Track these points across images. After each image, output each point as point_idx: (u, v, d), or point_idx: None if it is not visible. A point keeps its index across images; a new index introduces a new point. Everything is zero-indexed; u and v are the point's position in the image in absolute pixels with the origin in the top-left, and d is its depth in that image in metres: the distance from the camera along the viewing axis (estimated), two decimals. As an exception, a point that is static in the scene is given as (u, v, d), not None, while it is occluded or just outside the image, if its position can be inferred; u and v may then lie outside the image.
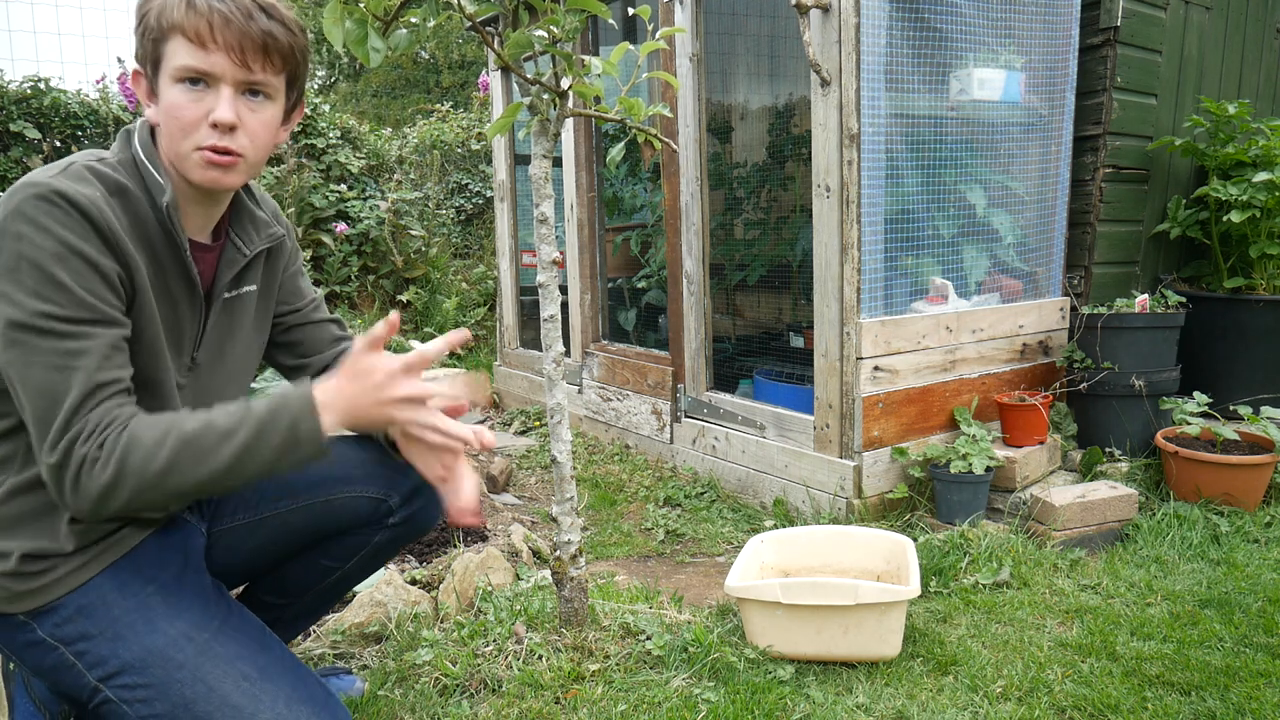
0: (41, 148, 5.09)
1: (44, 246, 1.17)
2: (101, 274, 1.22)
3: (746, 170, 4.42)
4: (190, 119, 1.30)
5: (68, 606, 1.30)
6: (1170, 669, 1.93)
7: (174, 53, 1.29)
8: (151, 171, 1.32)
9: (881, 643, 1.95)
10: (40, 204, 1.18)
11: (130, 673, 1.29)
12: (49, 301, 1.17)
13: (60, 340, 1.18)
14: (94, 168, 1.28)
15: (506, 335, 4.92)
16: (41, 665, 1.33)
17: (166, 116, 1.31)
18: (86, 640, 1.30)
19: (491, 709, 1.72)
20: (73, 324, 1.19)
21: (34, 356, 1.18)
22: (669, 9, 3.35)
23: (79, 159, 1.29)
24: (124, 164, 1.33)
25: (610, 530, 3.09)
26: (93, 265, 1.21)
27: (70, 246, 1.19)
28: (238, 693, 1.30)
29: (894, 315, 2.89)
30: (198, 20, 1.28)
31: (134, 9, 1.34)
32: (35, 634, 1.31)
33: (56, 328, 1.18)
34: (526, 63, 3.67)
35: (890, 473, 2.88)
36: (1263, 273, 3.39)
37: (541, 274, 1.85)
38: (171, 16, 1.28)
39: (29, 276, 1.17)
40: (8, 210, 1.19)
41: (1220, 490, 2.78)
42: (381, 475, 1.58)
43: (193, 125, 1.30)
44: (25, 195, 1.19)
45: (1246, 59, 3.85)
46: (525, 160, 4.41)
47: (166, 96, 1.30)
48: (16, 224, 1.18)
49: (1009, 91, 3.05)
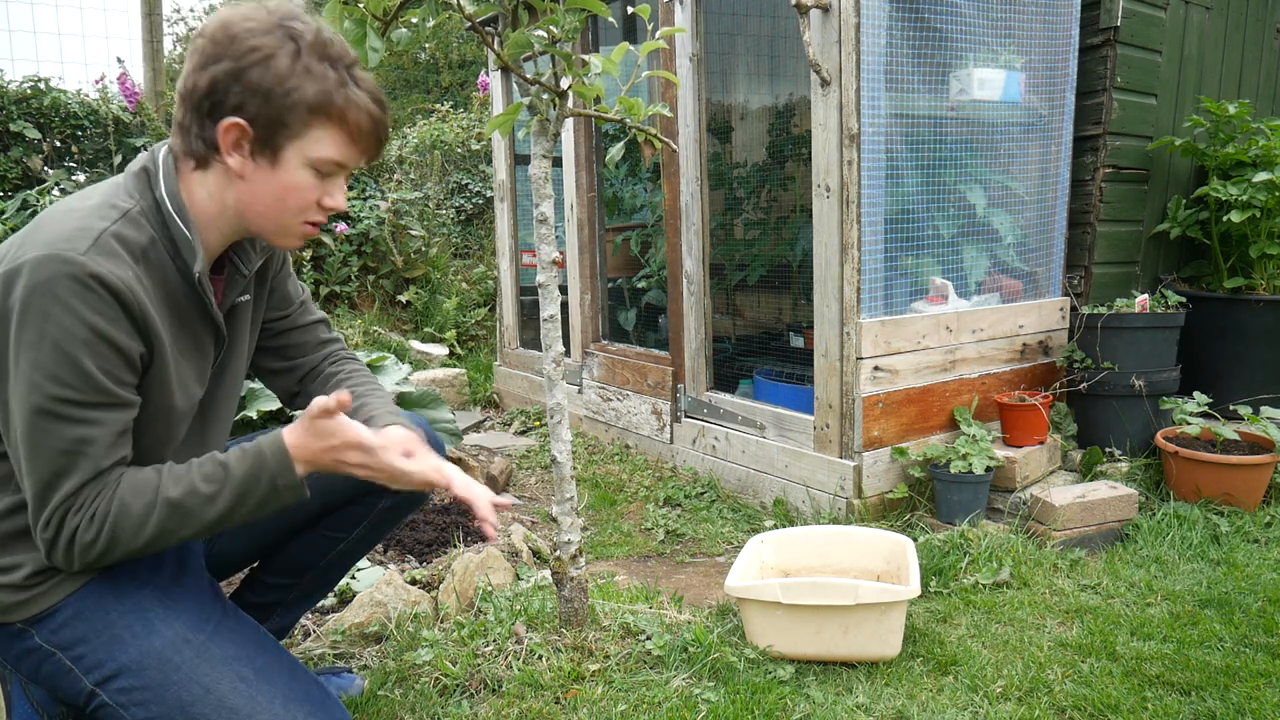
0: (41, 148, 5.09)
1: (73, 332, 1.15)
2: (125, 357, 1.21)
3: (746, 170, 4.42)
4: (310, 201, 1.32)
5: (64, 611, 1.30)
6: (1170, 669, 1.93)
7: (318, 141, 1.28)
8: (183, 232, 1.29)
9: (881, 643, 1.95)
10: (74, 286, 1.15)
11: (126, 675, 1.29)
12: (67, 387, 1.16)
13: (71, 426, 1.18)
14: (122, 236, 1.23)
15: (506, 335, 4.92)
16: (39, 672, 1.32)
17: (281, 191, 1.30)
18: (83, 644, 1.30)
19: (491, 709, 1.72)
20: (87, 408, 1.18)
21: (43, 438, 1.18)
22: (669, 9, 3.35)
23: (102, 221, 1.23)
24: (147, 214, 1.29)
25: (610, 530, 3.09)
26: (118, 350, 1.20)
27: (99, 333, 1.17)
28: (234, 694, 1.30)
29: (894, 315, 2.89)
30: (358, 116, 1.28)
31: (208, 30, 1.25)
32: (32, 640, 1.30)
33: (71, 413, 1.17)
34: (526, 63, 3.67)
35: (890, 473, 2.88)
36: (1263, 273, 3.39)
37: (541, 274, 1.85)
38: (320, 100, 1.25)
39: (51, 358, 1.15)
40: (37, 282, 1.15)
41: (1220, 490, 2.78)
42: None
43: (309, 206, 1.32)
44: (58, 273, 1.15)
45: (1246, 59, 3.85)
46: (525, 160, 4.41)
47: (290, 176, 1.29)
48: (46, 302, 1.15)
49: (1009, 91, 3.05)
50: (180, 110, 1.28)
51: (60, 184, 5.07)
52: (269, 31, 1.24)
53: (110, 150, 5.32)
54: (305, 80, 1.24)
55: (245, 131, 1.25)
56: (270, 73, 1.23)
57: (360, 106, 1.28)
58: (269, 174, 1.28)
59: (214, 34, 1.24)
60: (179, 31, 21.54)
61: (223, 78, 1.23)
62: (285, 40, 1.24)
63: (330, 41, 1.28)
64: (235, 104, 1.24)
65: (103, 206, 1.25)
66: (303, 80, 1.24)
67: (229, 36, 1.23)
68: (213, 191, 1.31)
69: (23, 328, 1.15)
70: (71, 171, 5.36)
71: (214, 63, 1.23)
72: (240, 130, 1.25)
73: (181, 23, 20.62)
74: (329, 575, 1.75)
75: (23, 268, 1.15)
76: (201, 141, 1.27)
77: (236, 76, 1.23)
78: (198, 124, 1.27)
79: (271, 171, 1.28)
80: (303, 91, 1.24)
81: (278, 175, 1.29)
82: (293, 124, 1.26)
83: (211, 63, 1.23)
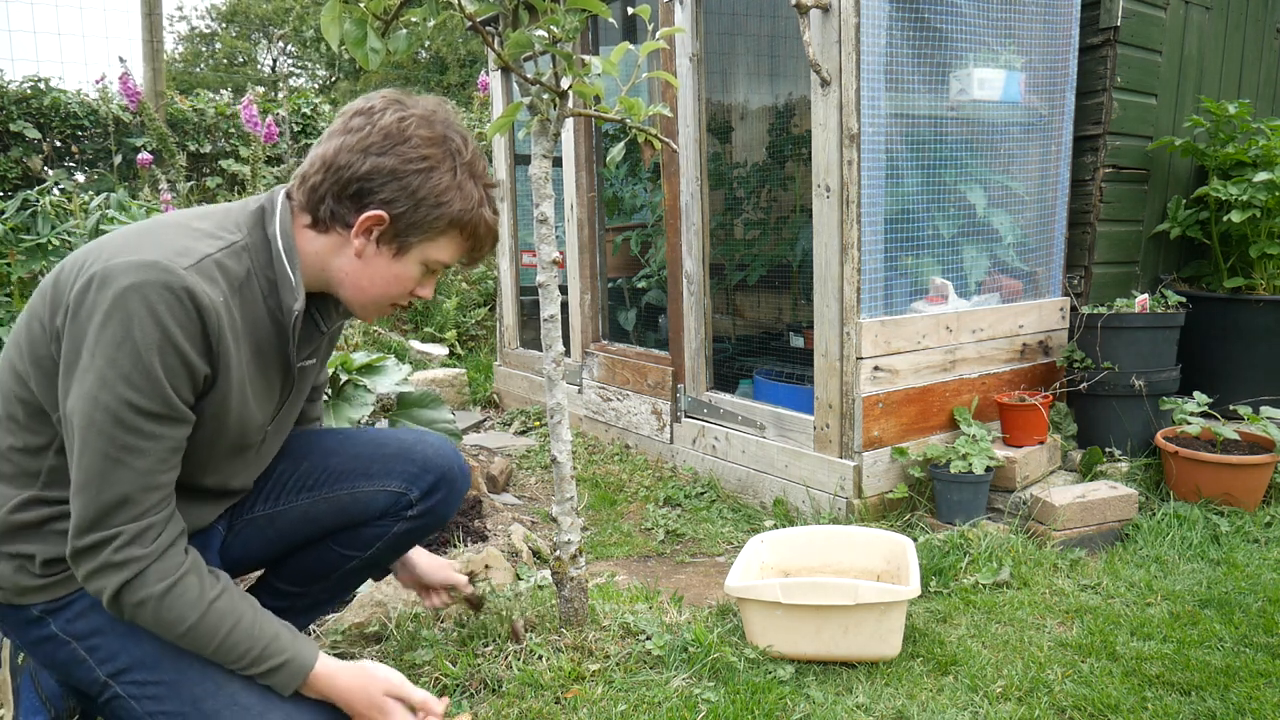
0: (41, 147, 5.09)
1: (151, 336, 1.17)
2: (191, 373, 1.23)
3: (746, 170, 4.42)
4: (409, 290, 1.41)
5: (80, 602, 1.32)
6: (1170, 669, 1.93)
7: (443, 248, 1.38)
8: (289, 275, 1.33)
9: (881, 643, 1.95)
10: (167, 295, 1.18)
11: (140, 669, 1.31)
12: (136, 390, 1.18)
13: (129, 434, 1.19)
14: (223, 264, 1.27)
15: (506, 335, 4.92)
16: (54, 659, 1.35)
17: (391, 279, 1.38)
18: (99, 635, 1.32)
19: (491, 709, 1.72)
20: (147, 418, 1.20)
21: (99, 437, 1.19)
22: (669, 9, 3.35)
23: (209, 245, 1.26)
24: (254, 249, 1.33)
25: (610, 530, 3.09)
26: (187, 364, 1.21)
27: (174, 343, 1.19)
28: (246, 692, 1.32)
29: (894, 315, 2.89)
30: (485, 233, 1.40)
31: (382, 123, 1.32)
32: (49, 628, 1.33)
33: (131, 420, 1.19)
34: (526, 63, 3.67)
35: (890, 473, 2.88)
36: (1263, 273, 3.39)
37: (541, 274, 1.85)
38: (462, 217, 1.35)
39: (129, 360, 1.17)
40: (131, 284, 1.17)
41: (1220, 490, 2.78)
42: (402, 471, 1.63)
43: (405, 293, 1.41)
44: (155, 280, 1.17)
45: (1246, 59, 3.85)
46: (525, 160, 4.40)
47: (405, 269, 1.37)
48: (136, 304, 1.17)
49: (1009, 91, 3.05)
50: (320, 175, 1.33)
51: (60, 183, 5.07)
52: (436, 143, 1.34)
53: (110, 150, 5.32)
54: (456, 196, 1.34)
55: (383, 223, 1.33)
56: (429, 183, 1.32)
57: (488, 224, 1.40)
58: (387, 262, 1.37)
59: (387, 128, 1.32)
60: (180, 31, 21.50)
61: (384, 172, 1.31)
62: (448, 156, 1.35)
63: (479, 160, 1.39)
64: (386, 199, 1.32)
65: (212, 232, 1.30)
66: (454, 195, 1.34)
67: (402, 137, 1.32)
68: (320, 252, 1.37)
69: (106, 325, 1.16)
70: (71, 171, 5.36)
71: (379, 154, 1.31)
72: (379, 221, 1.33)
73: (184, 21, 20.58)
74: (340, 587, 1.76)
75: (122, 269, 1.17)
76: (332, 214, 1.34)
77: (397, 176, 1.31)
78: (335, 198, 1.33)
79: (390, 261, 1.37)
80: (452, 206, 1.34)
81: (393, 265, 1.37)
82: (430, 230, 1.35)
83: (376, 153, 1.31)
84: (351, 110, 1.37)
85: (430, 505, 1.66)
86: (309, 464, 1.62)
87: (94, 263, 1.20)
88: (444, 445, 1.69)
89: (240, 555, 1.60)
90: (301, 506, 1.60)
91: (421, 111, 1.36)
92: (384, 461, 1.63)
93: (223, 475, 1.44)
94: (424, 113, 1.36)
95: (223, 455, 1.39)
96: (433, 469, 1.64)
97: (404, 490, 1.63)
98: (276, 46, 20.18)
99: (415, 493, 1.64)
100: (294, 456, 1.63)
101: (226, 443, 1.37)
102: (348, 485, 1.61)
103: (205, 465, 1.37)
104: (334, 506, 1.61)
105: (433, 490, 1.65)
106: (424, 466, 1.64)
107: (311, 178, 1.34)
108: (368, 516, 1.63)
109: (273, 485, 1.60)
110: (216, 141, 5.80)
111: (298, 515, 1.61)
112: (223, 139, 6.14)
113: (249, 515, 1.59)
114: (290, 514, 1.60)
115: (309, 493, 1.60)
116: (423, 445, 1.67)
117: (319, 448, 1.65)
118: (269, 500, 1.60)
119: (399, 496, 1.63)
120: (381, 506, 1.63)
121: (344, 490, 1.61)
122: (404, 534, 1.68)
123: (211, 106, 5.86)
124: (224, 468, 1.43)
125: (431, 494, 1.65)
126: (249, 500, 1.59)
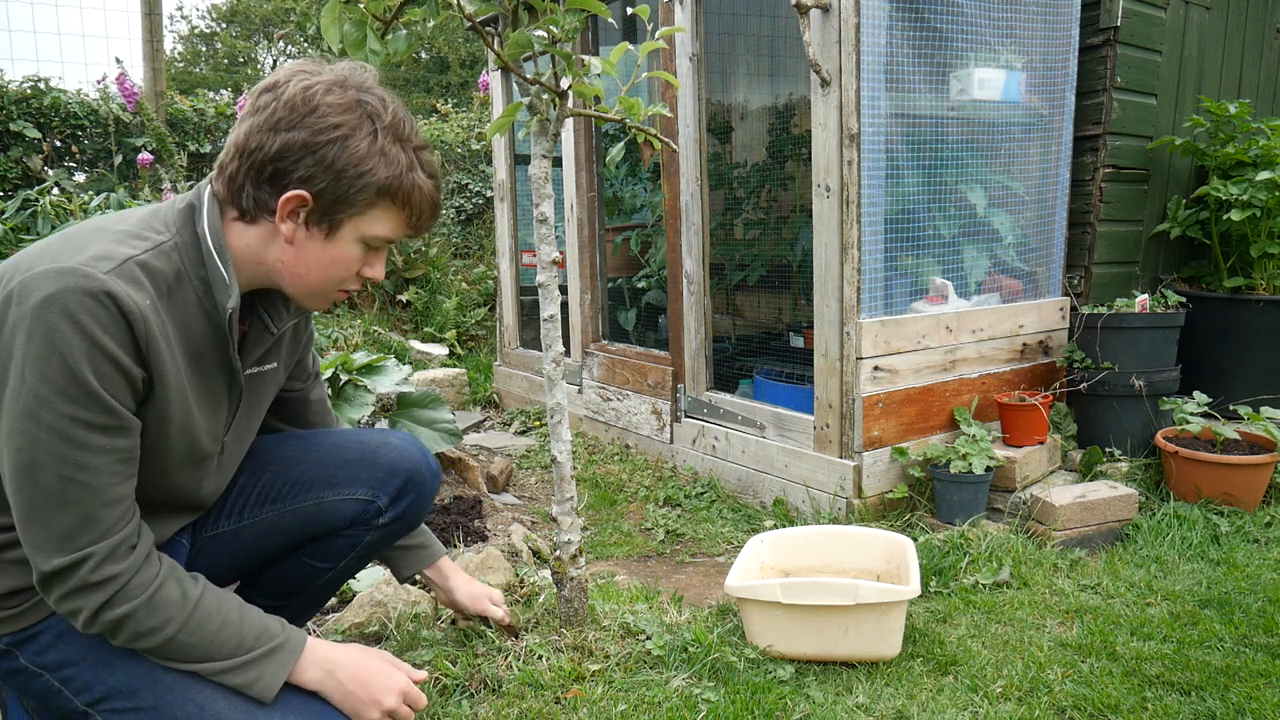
0: (41, 147, 5.09)
1: (77, 346, 1.11)
2: (127, 377, 1.16)
3: (746, 170, 4.42)
4: (352, 272, 1.33)
5: (48, 632, 1.27)
6: (1170, 669, 1.93)
7: (377, 220, 1.29)
8: (221, 273, 1.26)
9: (881, 643, 1.95)
10: (88, 301, 1.11)
11: (118, 698, 1.26)
12: (74, 403, 1.12)
13: (77, 450, 1.14)
14: (148, 266, 1.19)
15: (506, 335, 4.92)
16: (29, 689, 1.30)
17: (328, 262, 1.30)
18: (70, 667, 1.27)
19: (491, 709, 1.72)
20: (92, 430, 1.14)
21: (47, 456, 1.13)
22: (669, 9, 3.35)
23: (131, 248, 1.19)
24: (184, 248, 1.25)
25: (610, 530, 3.09)
26: (120, 369, 1.15)
27: (104, 350, 1.12)
28: (231, 709, 1.27)
29: (894, 315, 2.89)
30: (420, 199, 1.30)
31: (286, 94, 1.22)
32: (18, 661, 1.28)
33: (76, 435, 1.13)
34: (526, 63, 3.67)
35: (890, 473, 2.88)
36: (1263, 272, 3.39)
37: (541, 274, 1.85)
38: (390, 183, 1.26)
39: (58, 373, 1.11)
40: (49, 294, 1.10)
41: (1220, 490, 2.78)
42: (368, 477, 1.58)
43: (350, 277, 1.33)
44: (73, 285, 1.11)
45: (1246, 59, 3.85)
46: (525, 160, 4.41)
47: (341, 249, 1.29)
48: (54, 315, 1.10)
49: (1009, 91, 3.05)
50: (235, 163, 1.25)
51: (60, 183, 5.07)
52: (349, 109, 1.24)
53: (110, 150, 5.32)
54: (379, 163, 1.25)
55: (306, 203, 1.24)
56: (346, 152, 1.23)
57: (423, 190, 1.30)
58: (320, 244, 1.28)
59: (292, 100, 1.22)
60: (180, 30, 21.50)
61: (296, 148, 1.22)
62: (364, 120, 1.24)
63: (403, 122, 1.29)
64: (304, 176, 1.23)
65: (136, 233, 1.22)
66: (377, 163, 1.24)
67: (309, 107, 1.22)
68: (251, 244, 1.29)
69: (30, 341, 1.11)
70: (71, 171, 5.36)
71: (288, 129, 1.22)
72: (301, 201, 1.24)
73: (184, 21, 20.58)
74: (318, 598, 1.73)
75: (38, 280, 1.11)
76: (255, 202, 1.25)
77: (310, 149, 1.22)
78: (254, 184, 1.25)
79: (323, 242, 1.28)
80: (375, 174, 1.24)
81: (328, 247, 1.29)
82: (358, 203, 1.26)
83: (285, 129, 1.22)
84: (259, 88, 1.27)
85: (399, 511, 1.61)
86: (271, 474, 1.56)
87: (12, 277, 1.14)
88: (410, 445, 1.63)
89: (207, 572, 1.51)
90: (266, 520, 1.54)
91: (331, 78, 1.25)
92: (349, 468, 1.57)
93: (185, 488, 1.38)
94: (334, 79, 1.25)
95: (176, 467, 1.33)
96: (399, 472, 1.59)
97: (371, 498, 1.57)
98: (277, 46, 20.17)
99: (384, 499, 1.58)
100: (254, 468, 1.56)
101: (177, 454, 1.30)
102: (313, 496, 1.55)
103: (160, 478, 1.31)
104: (301, 519, 1.55)
105: (401, 494, 1.60)
106: (390, 470, 1.58)
107: (228, 166, 1.26)
108: (336, 526, 1.58)
109: (234, 499, 1.53)
110: (216, 141, 5.80)
111: (263, 529, 1.54)
112: (223, 139, 6.14)
113: (212, 532, 1.52)
114: (255, 529, 1.54)
115: (273, 505, 1.54)
116: (387, 448, 1.60)
117: (281, 457, 1.59)
118: (231, 516, 1.53)
119: (367, 504, 1.57)
120: (349, 515, 1.57)
121: (309, 501, 1.55)
122: (376, 543, 1.64)
123: (211, 106, 5.87)
124: (184, 480, 1.36)
125: (400, 499, 1.60)
126: (210, 516, 1.52)
